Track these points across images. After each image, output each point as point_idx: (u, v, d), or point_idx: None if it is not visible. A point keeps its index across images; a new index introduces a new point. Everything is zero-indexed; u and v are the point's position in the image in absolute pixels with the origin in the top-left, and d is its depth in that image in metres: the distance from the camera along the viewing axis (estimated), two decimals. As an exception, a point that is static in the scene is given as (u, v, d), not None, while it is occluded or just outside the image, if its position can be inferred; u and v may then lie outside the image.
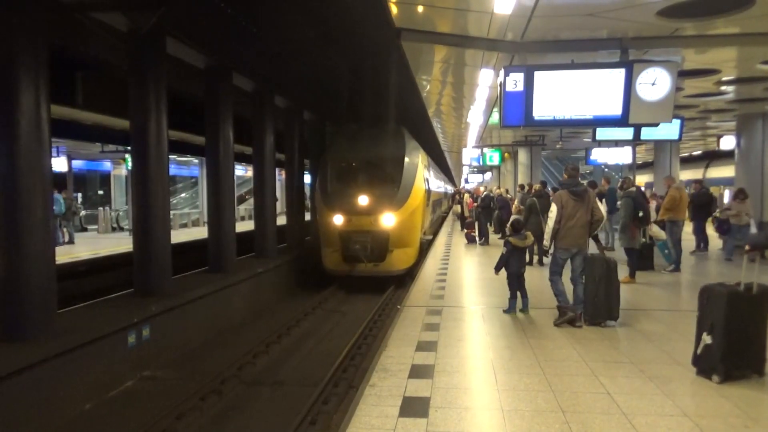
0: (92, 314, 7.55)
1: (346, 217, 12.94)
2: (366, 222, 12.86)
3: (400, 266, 13.20)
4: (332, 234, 13.18)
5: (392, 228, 12.82)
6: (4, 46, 6.18)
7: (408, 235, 13.26)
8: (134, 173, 8.93)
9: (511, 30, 7.37)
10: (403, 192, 13.09)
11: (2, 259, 6.33)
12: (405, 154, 13.64)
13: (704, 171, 25.84)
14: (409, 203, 13.07)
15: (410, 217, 13.14)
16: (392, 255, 12.99)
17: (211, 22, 10.58)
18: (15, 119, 6.16)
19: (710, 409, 4.33)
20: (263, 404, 6.76)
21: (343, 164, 14.16)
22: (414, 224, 13.43)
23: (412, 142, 14.43)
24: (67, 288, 9.38)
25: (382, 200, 12.90)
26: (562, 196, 6.87)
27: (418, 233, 13.86)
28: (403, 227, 12.97)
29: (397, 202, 12.92)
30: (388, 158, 13.67)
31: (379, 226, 12.80)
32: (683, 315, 7.42)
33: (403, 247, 13.13)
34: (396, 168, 13.45)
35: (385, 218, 12.79)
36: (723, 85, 10.68)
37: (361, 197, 12.94)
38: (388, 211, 12.80)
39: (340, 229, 13.00)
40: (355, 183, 13.67)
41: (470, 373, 5.27)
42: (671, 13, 6.42)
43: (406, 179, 13.25)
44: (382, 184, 13.44)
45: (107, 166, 27.80)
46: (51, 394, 6.06)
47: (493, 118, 15.22)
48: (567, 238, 6.79)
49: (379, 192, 13.07)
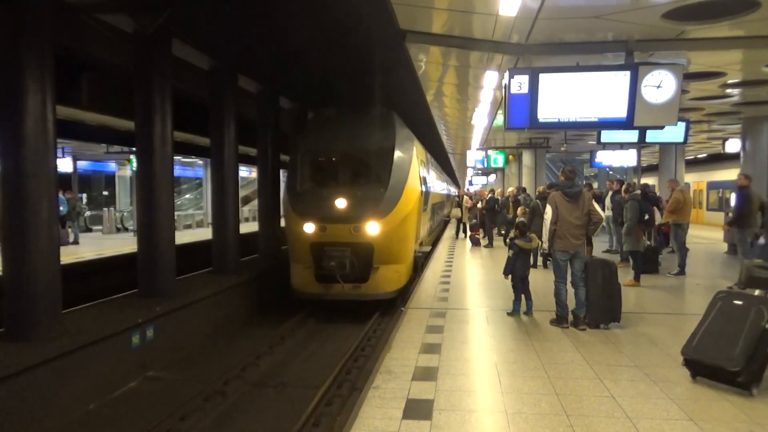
0: (97, 315, 7.57)
1: (319, 225, 10.21)
2: (344, 231, 10.12)
3: (388, 288, 10.45)
4: (302, 246, 10.46)
5: (378, 239, 10.09)
6: (11, 47, 6.21)
7: (398, 248, 10.58)
8: (139, 174, 8.95)
9: (516, 32, 7.37)
10: (392, 193, 10.32)
11: (8, 259, 6.37)
12: (395, 145, 10.90)
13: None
14: (400, 208, 10.31)
15: (401, 225, 10.41)
16: (378, 274, 10.29)
17: (216, 24, 10.62)
18: (21, 120, 6.19)
19: (715, 413, 4.31)
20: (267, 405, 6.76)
21: (316, 158, 11.40)
22: (406, 234, 10.73)
23: (405, 131, 11.75)
24: (72, 288, 9.41)
25: (365, 204, 10.17)
26: (555, 197, 6.96)
27: (411, 245, 11.16)
28: (391, 238, 10.27)
29: (384, 207, 10.15)
30: (374, 150, 11.00)
31: (361, 237, 10.07)
32: (688, 318, 7.39)
33: (391, 263, 10.45)
34: (383, 163, 10.74)
35: (369, 227, 10.04)
36: (728, 87, 10.65)
37: (338, 200, 10.22)
38: (372, 218, 10.04)
39: (311, 241, 10.28)
40: (331, 182, 11.10)
41: (474, 375, 5.26)
42: (677, 15, 6.40)
43: (396, 177, 10.51)
44: (366, 183, 10.82)
45: (112, 166, 27.90)
46: (55, 393, 6.08)
47: (497, 120, 15.20)
48: (563, 240, 6.83)
49: (361, 193, 10.39)
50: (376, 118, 11.75)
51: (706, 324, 4.93)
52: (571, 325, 6.90)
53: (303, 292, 10.62)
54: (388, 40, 10.21)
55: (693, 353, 4.94)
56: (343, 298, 10.29)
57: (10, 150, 6.30)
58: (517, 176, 25.47)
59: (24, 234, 6.29)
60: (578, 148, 21.85)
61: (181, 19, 8.85)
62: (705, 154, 27.78)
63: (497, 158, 23.26)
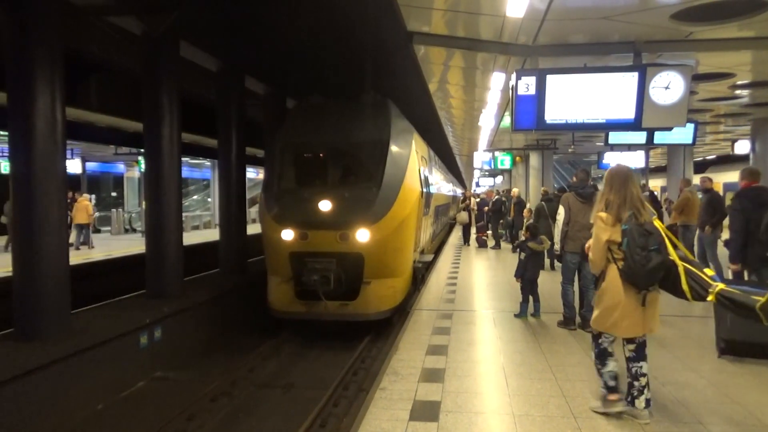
0: (105, 315, 7.62)
1: (299, 231, 8.65)
2: (329, 239, 8.59)
3: (381, 306, 8.76)
4: (280, 257, 8.90)
5: (369, 248, 8.55)
6: (22, 50, 6.27)
7: (393, 258, 8.98)
8: (147, 175, 9.00)
9: (523, 33, 7.35)
10: (386, 194, 8.75)
11: (19, 260, 6.43)
12: (390, 139, 9.27)
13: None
14: (396, 211, 8.72)
15: (397, 231, 8.82)
16: (369, 290, 8.69)
17: (223, 26, 10.67)
18: (32, 121, 6.25)
19: (725, 414, 4.28)
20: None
21: (297, 153, 9.78)
22: (402, 242, 9.14)
23: (402, 121, 10.10)
24: (81, 289, 9.46)
25: (354, 207, 8.65)
26: (568, 198, 6.98)
27: (408, 255, 9.49)
28: (385, 247, 8.70)
29: (376, 210, 8.60)
30: (365, 145, 9.46)
31: (349, 246, 8.55)
32: (696, 321, 7.36)
33: (385, 276, 8.84)
34: (376, 158, 9.18)
35: (359, 234, 8.49)
36: (737, 89, 10.59)
37: (321, 202, 8.66)
38: (362, 224, 8.48)
39: (291, 250, 8.74)
40: (315, 181, 9.57)
41: (481, 377, 5.25)
42: (685, 16, 6.37)
43: (390, 175, 8.93)
44: (355, 182, 9.34)
45: (120, 168, 28.09)
46: (64, 393, 6.12)
47: (504, 121, 15.17)
48: (575, 241, 6.76)
49: (349, 194, 8.87)
50: (367, 107, 10.05)
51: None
52: (579, 327, 6.88)
53: (280, 311, 8.94)
54: (395, 41, 10.22)
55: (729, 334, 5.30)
56: (329, 318, 8.73)
57: (21, 151, 6.36)
58: (524, 177, 25.40)
59: (33, 235, 6.33)
60: (586, 149, 21.77)
61: (188, 21, 8.90)
62: (714, 156, 27.61)
63: (504, 160, 23.20)
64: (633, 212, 3.99)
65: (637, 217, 3.97)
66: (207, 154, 23.07)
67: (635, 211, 4.00)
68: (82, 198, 17.20)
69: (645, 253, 3.84)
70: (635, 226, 3.91)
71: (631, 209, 4.01)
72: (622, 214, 4.01)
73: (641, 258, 3.84)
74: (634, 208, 4.01)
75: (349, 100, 10.42)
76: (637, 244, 3.86)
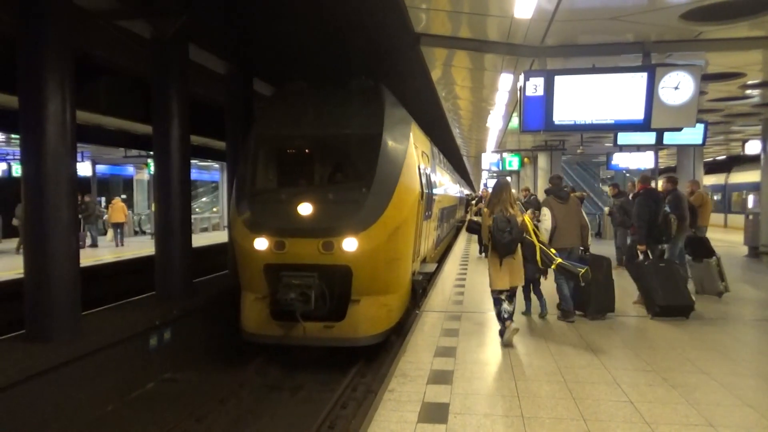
0: (115, 317, 7.67)
1: (275, 240, 7.35)
2: (310, 249, 7.28)
3: (372, 329, 7.44)
4: (253, 270, 7.64)
5: (357, 260, 7.29)
6: (32, 53, 6.33)
7: (386, 272, 7.65)
8: (157, 177, 9.05)
9: (531, 34, 7.34)
10: (378, 196, 7.45)
11: (30, 262, 6.48)
12: (383, 131, 7.88)
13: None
14: (390, 215, 7.43)
15: (391, 239, 7.51)
16: (357, 309, 7.41)
17: (232, 29, 10.72)
18: (42, 124, 6.30)
19: (736, 419, 4.25)
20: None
21: (274, 149, 8.41)
22: (397, 252, 7.80)
23: (398, 111, 8.73)
24: (91, 291, 9.53)
25: (339, 211, 7.39)
26: (550, 201, 7.65)
27: (405, 267, 8.15)
28: (376, 259, 7.40)
29: (366, 215, 7.31)
30: (354, 138, 8.12)
31: (334, 258, 7.28)
32: (706, 322, 7.31)
33: (377, 293, 7.54)
34: (367, 154, 7.82)
35: (345, 243, 7.21)
36: (748, 88, 10.50)
37: (302, 206, 7.38)
38: (349, 231, 7.21)
39: (266, 262, 7.48)
40: (295, 181, 8.25)
41: (490, 379, 5.24)
42: (695, 16, 6.33)
43: (384, 174, 7.59)
44: (342, 182, 8.18)
45: (130, 170, 28.25)
46: (75, 394, 6.16)
47: (512, 122, 15.14)
48: (562, 238, 7.40)
49: (335, 196, 7.61)
50: (356, 94, 8.58)
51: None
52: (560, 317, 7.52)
53: (253, 333, 7.61)
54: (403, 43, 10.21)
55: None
56: (307, 343, 7.50)
57: (32, 154, 6.42)
58: (531, 179, 25.34)
59: (44, 237, 6.39)
60: (595, 150, 21.67)
61: (198, 24, 8.95)
62: (724, 156, 27.39)
63: (512, 161, 23.15)
64: (502, 208, 6.31)
65: (503, 212, 6.27)
66: (216, 157, 23.17)
67: (503, 208, 6.32)
68: (116, 199, 19.46)
69: (503, 234, 6.11)
70: (500, 216, 6.20)
71: (501, 207, 6.34)
72: (494, 209, 6.36)
73: (500, 236, 6.14)
74: (503, 206, 6.35)
75: (336, 86, 8.88)
76: (498, 228, 6.14)
